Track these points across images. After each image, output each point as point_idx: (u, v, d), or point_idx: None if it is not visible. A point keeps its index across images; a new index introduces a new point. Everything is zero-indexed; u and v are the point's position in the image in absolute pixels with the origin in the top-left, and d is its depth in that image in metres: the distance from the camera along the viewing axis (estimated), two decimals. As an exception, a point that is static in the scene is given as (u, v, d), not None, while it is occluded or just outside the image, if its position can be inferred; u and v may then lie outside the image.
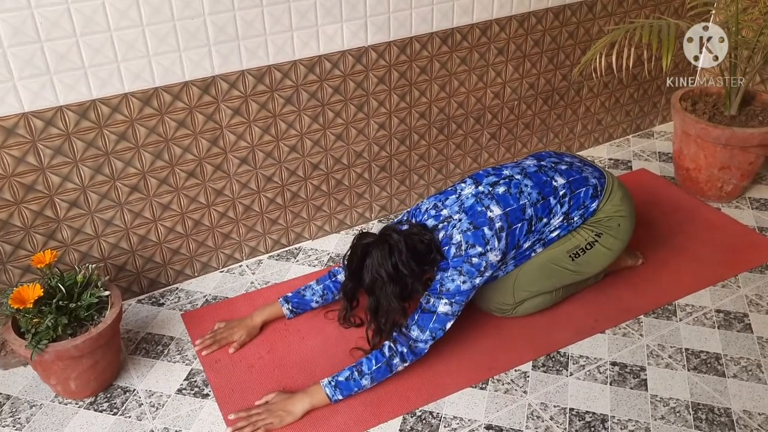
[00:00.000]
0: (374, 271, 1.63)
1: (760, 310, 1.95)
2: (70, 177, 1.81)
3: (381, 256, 1.62)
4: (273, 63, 1.95)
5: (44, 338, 1.56)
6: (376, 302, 1.65)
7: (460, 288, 1.67)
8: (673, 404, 1.67)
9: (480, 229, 1.68)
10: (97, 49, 1.70)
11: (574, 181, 1.81)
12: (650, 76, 2.81)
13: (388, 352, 1.66)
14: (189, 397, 1.73)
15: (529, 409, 1.67)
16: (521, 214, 1.73)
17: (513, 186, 1.76)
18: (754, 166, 2.38)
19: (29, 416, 1.68)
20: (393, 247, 1.62)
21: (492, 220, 1.70)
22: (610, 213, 1.84)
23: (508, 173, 1.81)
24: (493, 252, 1.69)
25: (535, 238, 1.78)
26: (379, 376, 1.66)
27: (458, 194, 1.77)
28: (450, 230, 1.70)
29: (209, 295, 2.08)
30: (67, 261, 1.91)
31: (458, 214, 1.71)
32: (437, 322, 1.67)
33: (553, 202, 1.77)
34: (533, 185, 1.77)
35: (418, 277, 1.66)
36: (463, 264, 1.67)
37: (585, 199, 1.82)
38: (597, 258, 1.85)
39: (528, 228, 1.75)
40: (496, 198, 1.73)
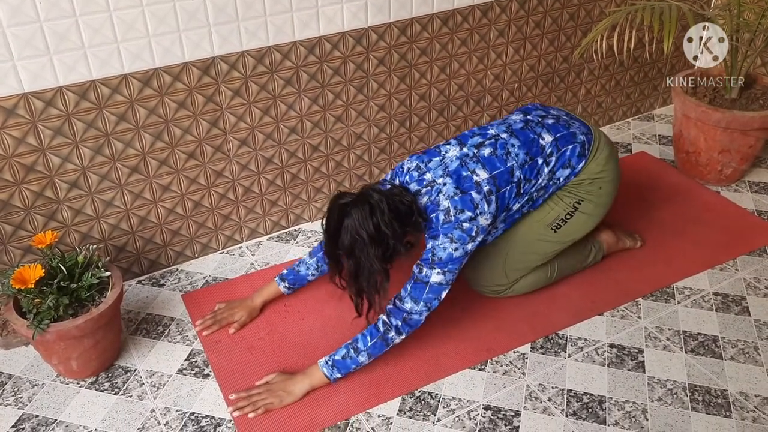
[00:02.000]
0: (354, 232, 1.55)
1: (758, 293, 1.96)
2: (70, 158, 1.80)
3: (361, 216, 1.54)
4: (273, 44, 1.94)
5: (46, 318, 1.57)
6: (356, 265, 1.58)
7: (453, 256, 1.62)
8: (670, 386, 1.68)
9: (468, 194, 1.62)
10: (96, 29, 1.69)
11: (561, 137, 1.74)
12: (651, 59, 2.80)
13: (382, 327, 1.64)
14: (190, 377, 1.74)
15: (527, 390, 1.68)
16: (509, 177, 1.67)
17: (499, 147, 1.69)
18: (753, 149, 2.37)
19: (31, 395, 1.69)
20: (374, 206, 1.55)
21: (479, 184, 1.63)
22: (593, 174, 1.78)
23: (493, 132, 1.74)
24: (483, 216, 1.63)
25: (524, 199, 1.74)
26: (376, 351, 1.65)
27: (442, 156, 1.69)
28: (435, 196, 1.63)
29: (209, 276, 2.09)
30: (67, 242, 1.91)
31: (442, 178, 1.64)
32: (431, 292, 1.63)
33: (540, 162, 1.71)
34: (520, 144, 1.70)
35: (401, 239, 1.59)
36: (454, 230, 1.61)
37: (571, 158, 1.75)
38: (578, 226, 1.83)
39: (517, 190, 1.70)
40: (481, 161, 1.66)
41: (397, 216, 1.57)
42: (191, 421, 1.62)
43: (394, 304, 1.65)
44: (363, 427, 1.60)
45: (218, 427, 1.60)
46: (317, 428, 1.59)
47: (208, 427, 1.60)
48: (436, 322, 1.87)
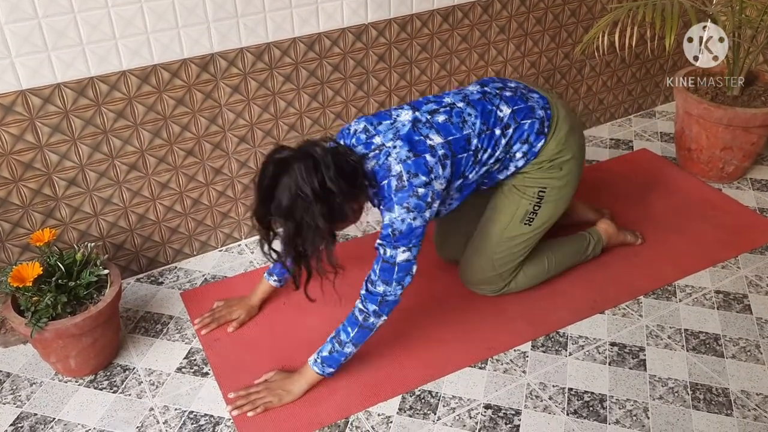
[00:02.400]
0: (296, 188, 1.41)
1: (760, 291, 1.95)
2: (68, 155, 1.79)
3: (305, 170, 1.41)
4: (272, 40, 1.93)
5: (44, 316, 1.56)
6: (296, 227, 1.45)
7: (412, 226, 1.53)
8: (671, 384, 1.67)
9: (421, 157, 1.52)
10: (94, 25, 1.67)
11: (519, 110, 1.67)
12: (653, 56, 2.79)
13: (360, 315, 1.58)
14: (188, 375, 1.73)
15: (528, 388, 1.67)
16: (466, 144, 1.59)
17: (455, 115, 1.60)
18: (756, 146, 2.36)
19: (29, 394, 1.69)
20: (318, 161, 1.42)
21: (433, 147, 1.54)
22: (552, 154, 1.71)
23: (449, 101, 1.65)
24: (438, 180, 1.54)
25: (482, 171, 1.66)
26: (362, 339, 1.60)
27: (393, 120, 1.59)
28: (384, 159, 1.53)
29: (208, 274, 2.08)
30: (66, 239, 1.90)
31: (392, 141, 1.54)
32: (400, 271, 1.56)
33: (497, 133, 1.64)
34: (477, 114, 1.62)
35: (348, 198, 1.48)
36: (409, 198, 1.51)
37: (530, 134, 1.68)
38: (549, 212, 1.79)
39: (474, 159, 1.62)
40: (435, 127, 1.57)
41: (342, 175, 1.45)
42: (190, 419, 1.61)
43: (366, 288, 1.58)
44: (363, 425, 1.59)
45: (217, 426, 1.59)
46: (317, 427, 1.58)
47: (207, 426, 1.59)
48: (436, 320, 1.87)
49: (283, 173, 1.43)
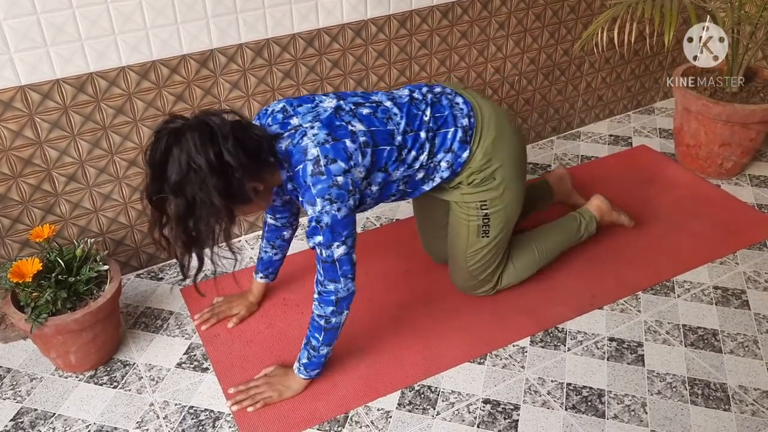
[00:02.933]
0: (187, 159, 1.27)
1: (758, 287, 1.96)
2: (68, 151, 1.79)
3: (199, 140, 1.27)
4: (271, 36, 1.93)
5: (44, 312, 1.56)
6: (187, 205, 1.31)
7: (338, 218, 1.43)
8: (669, 379, 1.68)
9: (341, 141, 1.43)
10: (93, 21, 1.67)
11: (441, 117, 1.60)
12: (652, 52, 2.79)
13: (321, 320, 1.55)
14: (189, 371, 1.74)
15: (526, 383, 1.68)
16: (390, 138, 1.52)
17: (380, 111, 1.54)
18: (754, 143, 2.37)
19: (30, 389, 1.69)
20: (215, 131, 1.29)
21: (354, 133, 1.46)
22: (481, 164, 1.64)
23: (377, 99, 1.59)
24: (357, 168, 1.46)
25: (406, 172, 1.58)
26: (333, 338, 1.58)
27: (315, 104, 1.51)
28: (299, 139, 1.43)
29: (208, 270, 2.08)
30: (65, 235, 1.90)
31: (311, 123, 1.45)
32: (343, 265, 1.49)
33: (422, 136, 1.57)
34: (402, 115, 1.56)
35: (250, 176, 1.36)
36: (330, 189, 1.41)
37: (452, 143, 1.61)
38: (501, 218, 1.74)
39: (398, 155, 1.53)
40: (359, 116, 1.50)
41: (243, 148, 1.32)
42: (190, 414, 1.62)
43: (317, 292, 1.54)
44: (362, 420, 1.60)
45: (217, 421, 1.60)
46: (317, 422, 1.59)
47: (207, 421, 1.60)
48: (435, 315, 1.87)
49: (175, 145, 1.28)
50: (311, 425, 1.58)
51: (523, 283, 1.96)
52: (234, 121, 1.37)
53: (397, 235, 2.20)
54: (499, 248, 1.81)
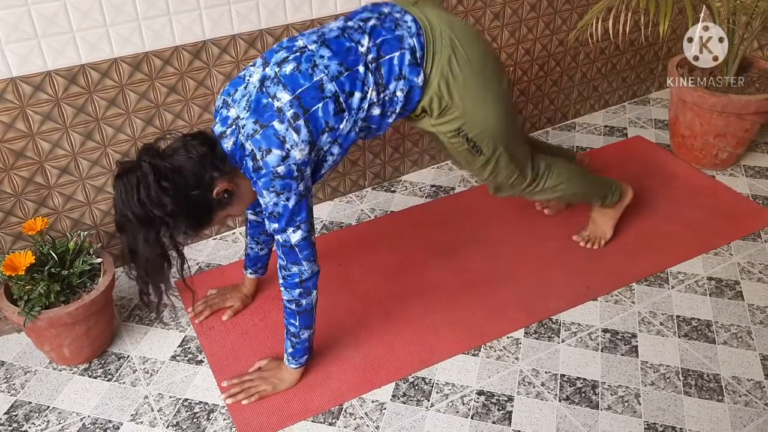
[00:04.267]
0: (119, 210, 1.33)
1: (752, 278, 1.96)
2: (60, 143, 1.78)
3: (125, 191, 1.30)
4: (265, 27, 1.91)
5: (37, 305, 1.56)
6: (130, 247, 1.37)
7: (288, 207, 1.41)
8: (663, 370, 1.68)
9: (269, 127, 1.37)
10: (85, 12, 1.66)
11: (384, 42, 1.46)
12: (647, 42, 2.78)
13: (291, 305, 1.54)
14: (183, 363, 1.74)
15: (520, 375, 1.68)
16: (319, 93, 1.40)
17: (304, 60, 1.41)
18: (749, 133, 2.36)
19: (23, 382, 1.69)
20: (140, 179, 1.30)
21: (281, 110, 1.37)
22: (438, 89, 1.51)
23: (301, 44, 1.45)
24: (297, 148, 1.38)
25: (354, 117, 1.46)
26: (309, 320, 1.57)
27: (246, 83, 1.44)
28: (237, 137, 1.40)
29: (202, 263, 2.08)
30: (59, 228, 1.90)
31: (244, 112, 1.40)
32: (302, 249, 1.47)
33: (361, 71, 1.43)
34: (332, 55, 1.42)
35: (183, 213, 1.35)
36: (272, 182, 1.38)
37: (401, 68, 1.46)
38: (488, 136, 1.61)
39: (336, 107, 1.42)
40: (283, 81, 1.40)
41: (176, 180, 1.33)
42: (184, 407, 1.62)
43: (281, 277, 1.52)
44: (356, 412, 1.60)
45: (212, 413, 1.60)
46: (311, 414, 1.59)
47: (201, 413, 1.60)
48: (429, 307, 1.87)
49: (115, 189, 1.34)
50: (305, 417, 1.58)
51: (517, 275, 1.96)
52: (170, 151, 1.37)
53: (391, 227, 2.19)
54: (505, 157, 1.68)
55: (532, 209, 2.26)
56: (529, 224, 2.19)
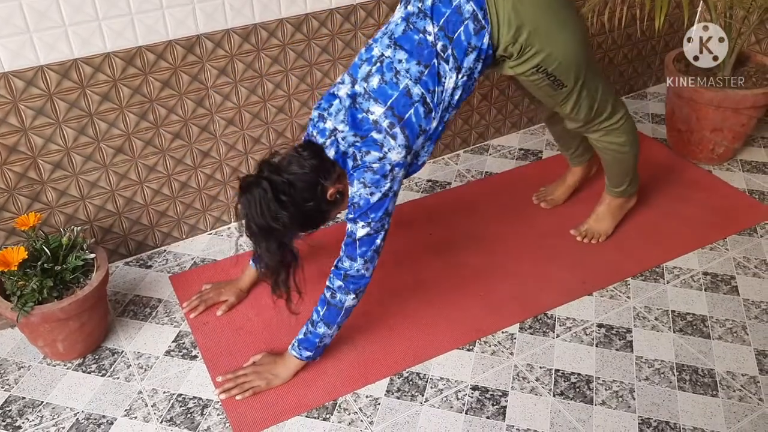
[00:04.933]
0: (245, 222, 1.48)
1: (747, 273, 1.96)
2: (53, 138, 1.78)
3: (248, 205, 1.44)
4: (259, 21, 1.91)
5: (30, 301, 1.56)
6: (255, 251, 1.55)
7: (369, 201, 1.49)
8: (657, 365, 1.68)
9: (368, 137, 1.48)
10: (77, 6, 1.65)
11: (447, 21, 1.48)
12: (644, 36, 2.77)
13: (327, 292, 1.57)
14: (177, 358, 1.73)
15: (515, 370, 1.68)
16: (408, 99, 1.48)
17: (386, 70, 1.49)
18: (746, 128, 2.36)
19: (17, 378, 1.69)
20: (261, 194, 1.44)
21: (377, 122, 1.47)
22: (513, 36, 1.51)
23: (378, 52, 1.52)
24: (394, 151, 1.48)
25: (439, 112, 1.53)
26: (333, 318, 1.58)
27: (337, 98, 1.53)
28: (337, 146, 1.50)
29: (197, 258, 2.08)
30: (52, 223, 1.89)
31: (342, 124, 1.49)
32: (363, 245, 1.52)
33: (437, 65, 1.49)
34: (408, 56, 1.48)
35: (300, 223, 1.50)
36: (365, 173, 1.48)
37: (469, 40, 1.49)
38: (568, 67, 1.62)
39: (425, 109, 1.50)
40: (372, 95, 1.49)
41: (293, 194, 1.46)
42: (179, 402, 1.62)
43: (334, 265, 1.57)
44: (351, 407, 1.60)
45: (206, 409, 1.60)
46: (305, 409, 1.59)
47: (195, 409, 1.60)
48: (424, 302, 1.87)
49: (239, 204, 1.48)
50: (300, 412, 1.58)
51: (513, 269, 1.96)
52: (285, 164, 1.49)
53: (387, 222, 2.19)
54: (587, 86, 1.70)
55: (528, 204, 2.26)
56: (524, 219, 2.19)
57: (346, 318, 1.61)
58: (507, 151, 2.57)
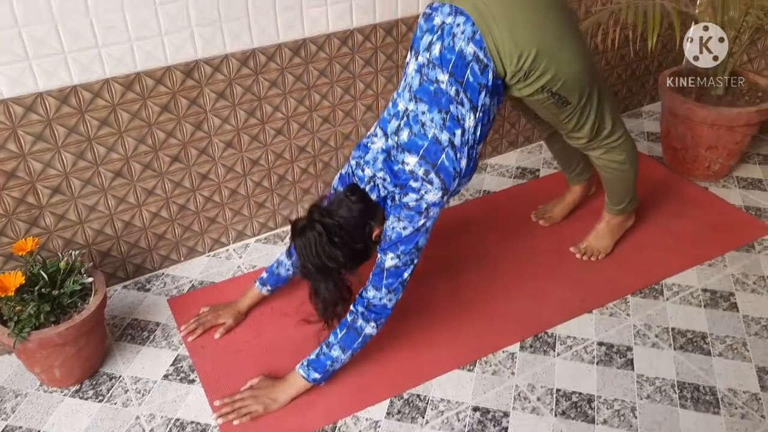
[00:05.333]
0: (302, 263, 1.58)
1: (746, 289, 1.96)
2: (52, 163, 1.78)
3: (304, 247, 1.54)
4: (257, 46, 1.92)
5: (27, 326, 1.55)
6: (313, 288, 1.64)
7: (402, 235, 1.55)
8: (659, 383, 1.67)
9: (407, 185, 1.55)
10: (76, 33, 1.67)
11: (454, 66, 1.52)
12: (638, 57, 2.80)
13: (350, 317, 1.61)
14: (175, 383, 1.72)
15: (516, 390, 1.67)
16: (438, 146, 1.53)
17: (413, 123, 1.55)
18: (740, 145, 2.38)
19: (14, 406, 1.67)
20: (315, 237, 1.53)
21: (413, 172, 1.54)
22: (516, 65, 1.54)
23: (402, 107, 1.58)
24: (431, 193, 1.54)
25: (465, 151, 1.57)
26: (349, 343, 1.60)
27: (371, 150, 1.60)
28: (379, 190, 1.58)
29: (195, 280, 2.07)
30: (50, 248, 1.89)
31: (381, 172, 1.57)
32: (389, 277, 1.58)
33: (455, 110, 1.53)
34: (429, 107, 1.54)
35: (351, 261, 1.59)
36: (401, 210, 1.55)
37: (477, 81, 1.53)
38: (572, 85, 1.64)
39: (454, 154, 1.55)
40: (405, 148, 1.55)
41: (344, 237, 1.54)
42: (176, 427, 1.60)
43: (359, 293, 1.62)
44: (350, 431, 1.58)
45: (204, 433, 1.58)
46: (304, 432, 1.58)
47: (194, 433, 1.58)
48: (423, 322, 1.86)
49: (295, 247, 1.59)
50: (299, 436, 1.57)
51: (512, 288, 1.96)
52: (335, 207, 1.56)
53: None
54: (590, 104, 1.72)
55: (526, 221, 2.26)
56: (523, 236, 2.19)
57: (361, 346, 1.62)
58: (504, 170, 2.59)
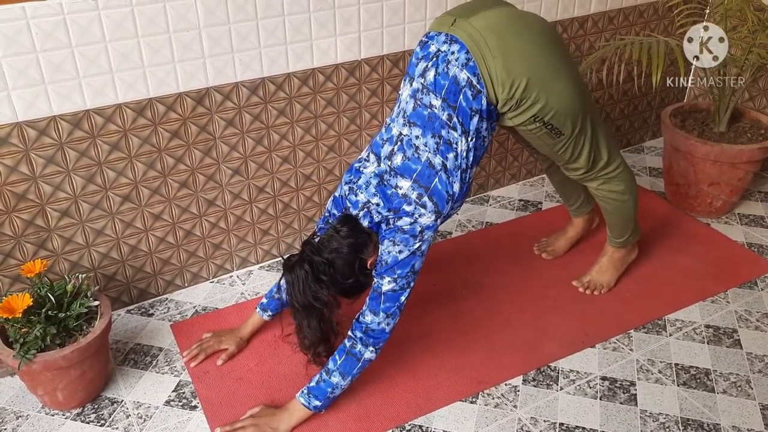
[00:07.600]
0: (289, 299, 1.61)
1: (749, 326, 1.96)
2: (62, 186, 1.80)
3: (291, 284, 1.58)
4: (267, 75, 1.96)
5: (32, 348, 1.55)
6: (297, 324, 1.66)
7: (398, 259, 1.55)
8: (662, 419, 1.67)
9: (400, 209, 1.56)
10: (91, 59, 1.70)
11: (447, 92, 1.54)
12: (641, 92, 2.84)
13: (348, 342, 1.60)
14: (177, 408, 1.72)
15: (518, 423, 1.67)
16: (431, 171, 1.55)
17: (407, 147, 1.57)
18: (743, 182, 2.40)
19: (15, 427, 1.66)
20: (302, 275, 1.57)
21: (406, 196, 1.55)
22: (508, 93, 1.55)
23: (396, 132, 1.59)
24: (424, 216, 1.55)
25: (458, 175, 1.58)
26: (349, 369, 1.59)
27: (364, 174, 1.61)
28: (372, 217, 1.58)
29: (199, 306, 2.07)
30: (57, 270, 1.90)
31: (375, 197, 1.57)
32: (387, 301, 1.57)
33: (446, 134, 1.55)
34: (423, 131, 1.56)
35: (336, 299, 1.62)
36: (395, 234, 1.55)
37: (470, 106, 1.55)
38: (565, 116, 1.65)
39: (446, 177, 1.56)
40: (398, 172, 1.56)
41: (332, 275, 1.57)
42: (178, 453, 1.59)
43: (356, 318, 1.61)
44: (352, 460, 1.58)
45: (205, 461, 1.57)
46: (306, 462, 1.57)
47: (195, 460, 1.58)
48: (426, 353, 1.86)
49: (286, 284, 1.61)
50: (301, 465, 1.56)
51: (515, 320, 1.96)
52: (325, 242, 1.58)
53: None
54: (583, 135, 1.73)
55: (529, 254, 2.27)
56: (525, 269, 2.20)
57: (361, 371, 1.62)
58: (507, 202, 2.60)
